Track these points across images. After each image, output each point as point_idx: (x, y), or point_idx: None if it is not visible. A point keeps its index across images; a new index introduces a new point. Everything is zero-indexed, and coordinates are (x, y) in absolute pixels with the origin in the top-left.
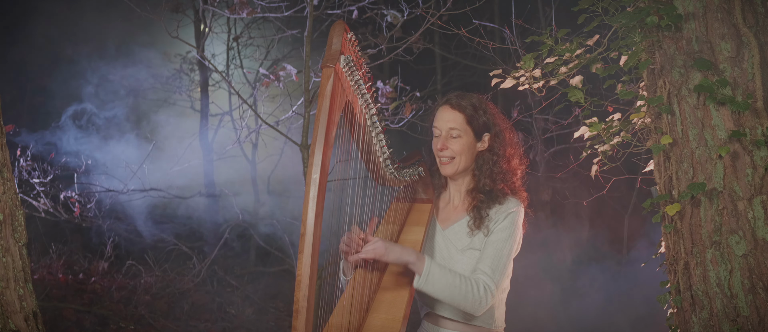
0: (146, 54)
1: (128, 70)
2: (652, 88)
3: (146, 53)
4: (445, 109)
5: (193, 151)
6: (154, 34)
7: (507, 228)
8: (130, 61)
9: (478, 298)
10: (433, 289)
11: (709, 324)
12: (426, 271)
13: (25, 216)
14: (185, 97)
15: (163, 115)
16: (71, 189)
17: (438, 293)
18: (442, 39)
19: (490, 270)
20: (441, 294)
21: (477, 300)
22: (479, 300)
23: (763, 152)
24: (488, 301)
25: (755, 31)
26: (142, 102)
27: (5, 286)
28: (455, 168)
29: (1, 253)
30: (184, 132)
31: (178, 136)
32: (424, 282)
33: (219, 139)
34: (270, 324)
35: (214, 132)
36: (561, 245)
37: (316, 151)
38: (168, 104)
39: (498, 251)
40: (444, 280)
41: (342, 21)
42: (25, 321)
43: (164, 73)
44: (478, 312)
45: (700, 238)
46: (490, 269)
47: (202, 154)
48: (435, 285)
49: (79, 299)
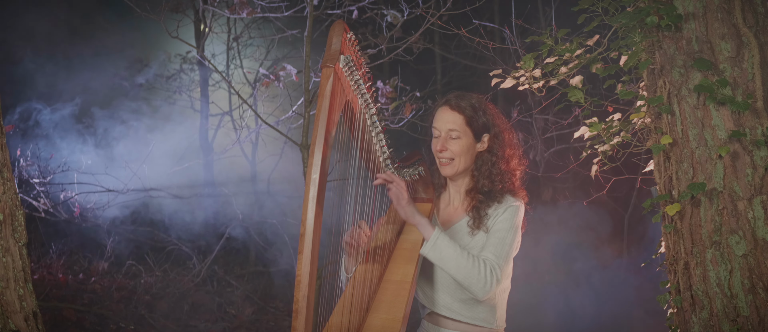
0: (146, 54)
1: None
2: (652, 88)
3: (146, 53)
4: (445, 110)
5: (193, 151)
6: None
7: (508, 219)
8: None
9: (483, 276)
10: (439, 256)
11: (709, 324)
12: (434, 236)
13: (25, 216)
14: (185, 97)
15: (163, 115)
16: (71, 190)
17: (444, 262)
18: (442, 39)
19: (495, 256)
20: (447, 263)
21: (482, 279)
22: (484, 279)
23: (763, 152)
24: (492, 284)
25: (755, 31)
26: (142, 102)
27: (5, 286)
28: (455, 170)
29: (1, 253)
30: (184, 132)
31: (177, 136)
32: (431, 246)
33: (219, 139)
34: (270, 324)
35: (214, 132)
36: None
37: (315, 150)
38: (168, 104)
39: (501, 239)
40: (451, 250)
41: (342, 21)
42: (25, 321)
43: (164, 73)
44: (482, 295)
45: (700, 238)
46: (494, 255)
47: (202, 153)
48: (442, 252)
49: (79, 299)
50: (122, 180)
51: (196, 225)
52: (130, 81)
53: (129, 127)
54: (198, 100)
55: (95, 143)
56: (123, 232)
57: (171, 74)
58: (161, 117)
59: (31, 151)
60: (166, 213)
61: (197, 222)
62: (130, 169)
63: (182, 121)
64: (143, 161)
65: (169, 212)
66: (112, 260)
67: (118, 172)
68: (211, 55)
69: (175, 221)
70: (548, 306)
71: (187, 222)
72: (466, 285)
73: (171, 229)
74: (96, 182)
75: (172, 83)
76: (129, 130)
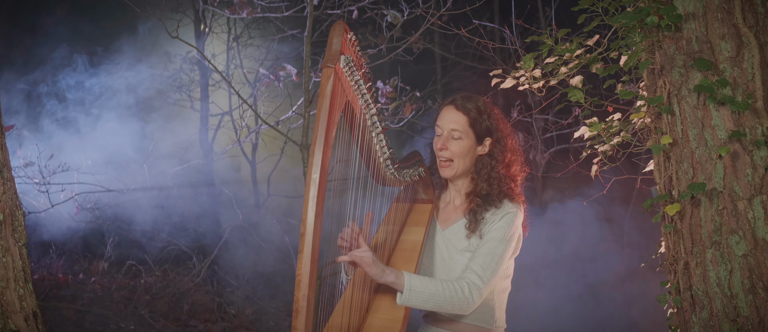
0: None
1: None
2: (652, 88)
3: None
4: (450, 109)
5: (192, 151)
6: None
7: (502, 229)
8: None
9: (463, 299)
10: (417, 302)
11: (709, 324)
12: (407, 287)
13: (25, 216)
14: (185, 96)
15: (163, 115)
16: (71, 189)
17: (423, 305)
18: (442, 39)
19: (480, 268)
20: (426, 305)
21: (463, 301)
22: (465, 301)
23: (763, 152)
24: (475, 300)
25: (755, 31)
26: (141, 101)
27: (5, 286)
28: (454, 172)
29: (1, 253)
30: (184, 132)
31: (177, 135)
32: (406, 298)
33: (219, 139)
34: (270, 324)
35: (214, 132)
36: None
37: (315, 151)
38: (168, 104)
39: (490, 250)
40: (427, 292)
41: (342, 21)
42: (25, 321)
43: (164, 73)
44: (466, 312)
45: (700, 238)
46: (480, 268)
47: (201, 153)
48: (419, 298)
49: (79, 299)
50: (122, 180)
51: (196, 225)
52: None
53: (129, 126)
54: (198, 100)
55: (95, 143)
56: (123, 232)
57: (171, 74)
58: (161, 117)
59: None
60: (166, 213)
61: (197, 222)
62: (130, 169)
63: (182, 121)
64: (143, 161)
65: (169, 212)
66: (112, 260)
67: (119, 172)
68: (211, 55)
69: (174, 221)
70: (547, 307)
71: (187, 222)
72: (449, 312)
73: (171, 229)
74: (96, 182)
75: (172, 83)
76: (129, 129)
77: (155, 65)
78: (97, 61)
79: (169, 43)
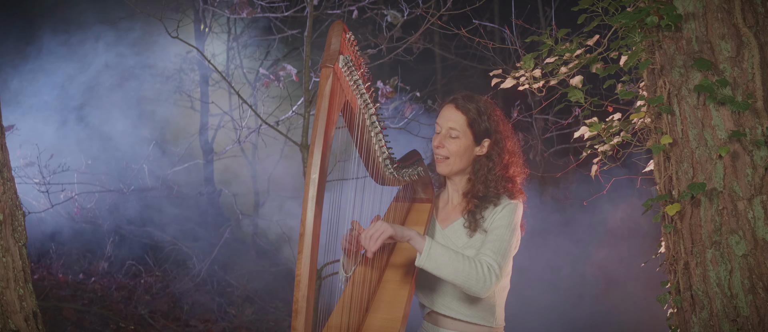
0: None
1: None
2: (652, 88)
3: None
4: (450, 108)
5: (192, 151)
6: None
7: (506, 216)
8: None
9: (482, 276)
10: (434, 265)
11: (709, 324)
12: (427, 248)
13: (25, 216)
14: (185, 96)
15: (163, 115)
16: (71, 189)
17: (441, 270)
18: (442, 39)
19: (493, 253)
20: (444, 270)
21: (481, 278)
22: (483, 279)
23: (763, 152)
24: (492, 281)
25: (755, 31)
26: (141, 101)
27: (5, 286)
28: (449, 169)
29: (1, 253)
30: (184, 131)
31: (177, 135)
32: (425, 258)
33: (219, 139)
34: (270, 324)
35: (214, 132)
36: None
37: (315, 150)
38: (168, 104)
39: (499, 237)
40: (446, 257)
41: (341, 21)
42: (25, 321)
43: (164, 73)
44: (483, 293)
45: (700, 238)
46: (493, 253)
47: (201, 153)
48: (437, 261)
49: (79, 299)
50: (122, 180)
51: (196, 225)
52: (129, 81)
53: (129, 126)
54: (198, 100)
55: (95, 143)
56: (123, 232)
57: (171, 74)
58: (161, 117)
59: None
60: (166, 213)
61: (197, 222)
62: (130, 169)
63: (182, 121)
64: (143, 161)
65: (169, 212)
66: (112, 260)
67: (119, 172)
68: (211, 55)
69: (174, 221)
70: (547, 306)
71: (187, 222)
72: (466, 287)
73: (171, 229)
74: (96, 182)
75: (172, 83)
76: (129, 129)
77: (155, 65)
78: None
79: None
